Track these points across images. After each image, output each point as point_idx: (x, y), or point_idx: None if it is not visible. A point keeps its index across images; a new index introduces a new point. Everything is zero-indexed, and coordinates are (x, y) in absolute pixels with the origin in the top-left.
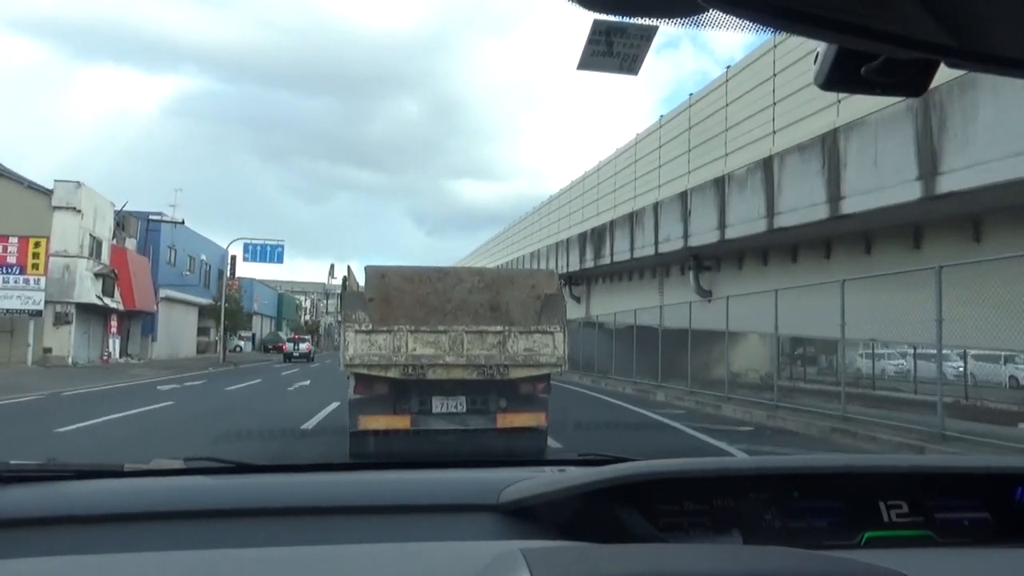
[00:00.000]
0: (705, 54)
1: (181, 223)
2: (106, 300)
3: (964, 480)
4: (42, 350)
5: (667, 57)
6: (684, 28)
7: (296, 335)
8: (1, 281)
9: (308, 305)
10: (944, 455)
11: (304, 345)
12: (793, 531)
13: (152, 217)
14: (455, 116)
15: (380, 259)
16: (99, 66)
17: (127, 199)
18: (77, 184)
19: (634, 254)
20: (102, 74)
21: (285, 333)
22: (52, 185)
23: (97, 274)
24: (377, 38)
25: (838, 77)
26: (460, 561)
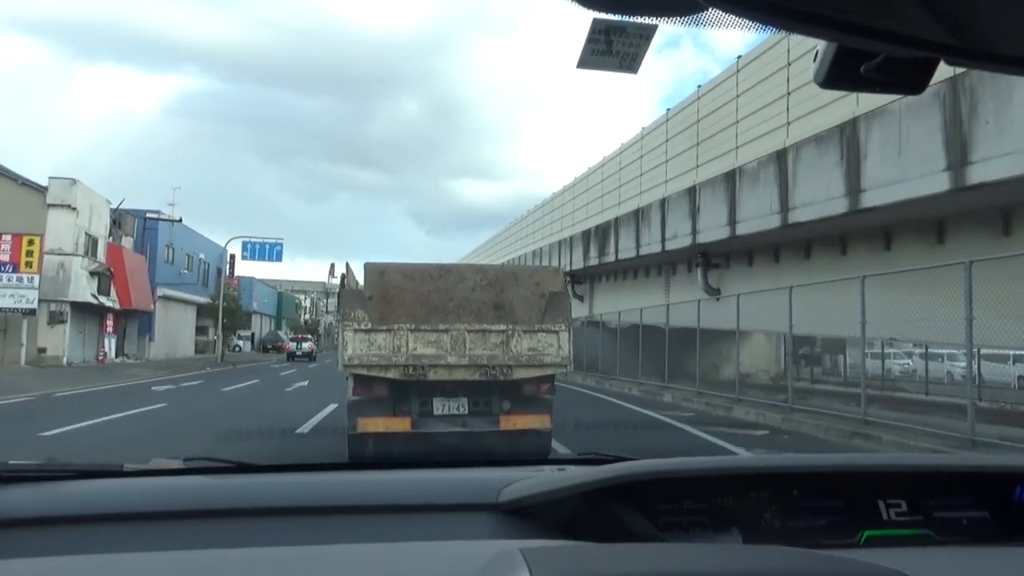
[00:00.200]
0: (706, 53)
1: (179, 221)
2: (102, 299)
3: (963, 479)
4: (36, 350)
5: (668, 56)
6: (684, 27)
7: (299, 335)
8: None
9: (308, 304)
10: (944, 454)
11: (307, 344)
12: (792, 530)
13: (149, 215)
14: (455, 116)
15: (380, 258)
16: (100, 66)
17: (128, 198)
18: (72, 181)
19: (640, 251)
20: (103, 74)
21: (285, 332)
22: (47, 182)
23: (93, 272)
24: (377, 38)
25: (838, 75)
26: (459, 561)
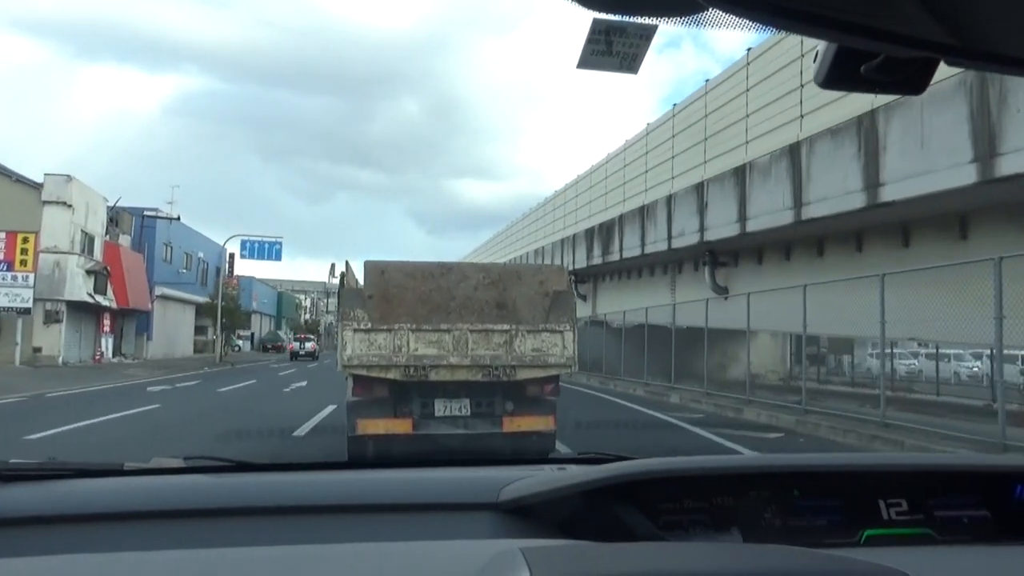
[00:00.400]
0: (706, 53)
1: (177, 219)
2: (98, 298)
3: (964, 478)
4: (31, 349)
5: (668, 56)
6: (684, 27)
7: (302, 335)
8: None
9: (308, 304)
10: (943, 453)
11: (309, 344)
12: (793, 529)
13: (147, 213)
14: (455, 116)
15: (381, 258)
16: (100, 65)
17: (128, 198)
18: (68, 178)
19: (645, 250)
20: (103, 73)
21: (285, 332)
22: (42, 179)
23: (89, 271)
24: (377, 38)
25: (838, 75)
26: (460, 560)
